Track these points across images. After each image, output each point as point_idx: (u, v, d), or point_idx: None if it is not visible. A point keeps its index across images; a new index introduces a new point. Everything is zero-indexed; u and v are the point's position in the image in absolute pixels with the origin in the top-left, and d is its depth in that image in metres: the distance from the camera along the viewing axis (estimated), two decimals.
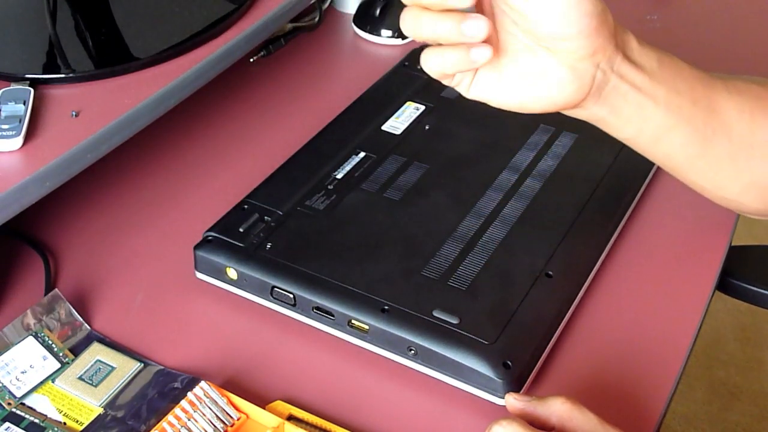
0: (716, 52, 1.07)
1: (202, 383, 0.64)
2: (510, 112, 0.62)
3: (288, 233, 0.74)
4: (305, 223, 0.75)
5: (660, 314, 0.73)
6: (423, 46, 0.98)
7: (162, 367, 0.67)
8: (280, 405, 0.64)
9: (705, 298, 0.75)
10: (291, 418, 0.63)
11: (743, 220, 0.81)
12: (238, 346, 0.70)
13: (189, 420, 0.62)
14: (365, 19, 1.07)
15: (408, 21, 0.57)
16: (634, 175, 0.83)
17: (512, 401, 0.58)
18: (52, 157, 0.70)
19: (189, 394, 0.63)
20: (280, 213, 0.76)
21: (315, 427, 0.63)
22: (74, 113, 0.75)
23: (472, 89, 0.60)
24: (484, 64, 0.56)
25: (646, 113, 0.61)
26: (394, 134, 0.86)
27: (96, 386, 0.65)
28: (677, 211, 0.83)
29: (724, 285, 0.88)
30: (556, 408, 0.56)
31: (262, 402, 0.64)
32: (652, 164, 0.85)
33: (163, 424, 0.61)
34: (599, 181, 0.81)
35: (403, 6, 0.58)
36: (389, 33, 1.05)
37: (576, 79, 0.58)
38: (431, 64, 0.58)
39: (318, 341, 0.70)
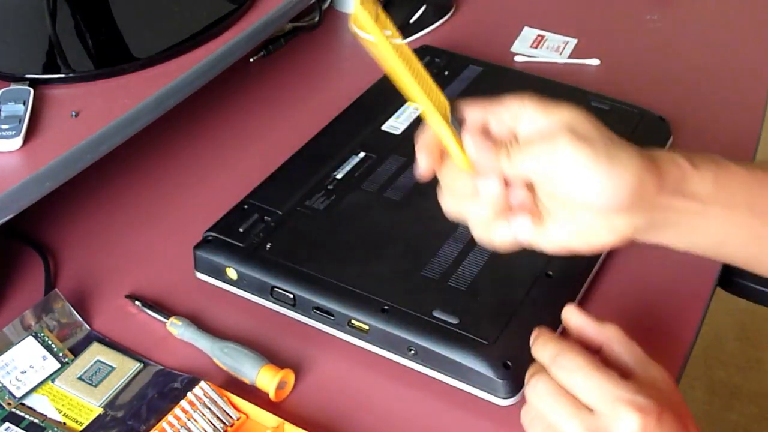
0: (716, 52, 1.07)
1: (202, 383, 0.64)
2: None
3: (288, 233, 0.74)
4: (305, 223, 0.75)
5: (660, 314, 0.73)
6: (423, 47, 0.98)
7: (162, 367, 0.67)
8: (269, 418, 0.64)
9: (705, 298, 0.75)
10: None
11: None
12: None
13: (189, 420, 0.62)
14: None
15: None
16: None
17: (571, 314, 0.59)
18: (52, 157, 0.70)
19: (189, 394, 0.63)
20: (280, 213, 0.76)
21: None
22: (74, 113, 0.75)
23: (524, 244, 0.60)
24: (525, 234, 0.58)
25: (699, 231, 0.61)
26: (394, 134, 0.86)
27: (96, 386, 0.65)
28: None
29: (729, 283, 0.87)
30: (608, 333, 0.58)
31: (262, 402, 0.64)
32: None
33: (163, 424, 0.61)
34: None
35: (402, 7, 0.59)
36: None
37: (614, 232, 0.58)
38: (480, 239, 0.59)
39: (318, 341, 0.70)
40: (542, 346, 0.57)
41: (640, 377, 0.56)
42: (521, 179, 0.57)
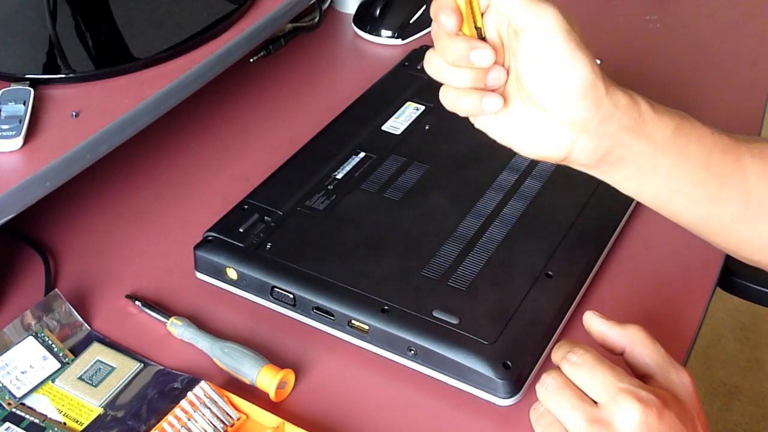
0: (716, 52, 1.07)
1: (202, 383, 0.64)
2: None
3: (288, 233, 0.74)
4: (305, 223, 0.75)
5: (660, 314, 0.73)
6: (423, 47, 0.98)
7: (162, 367, 0.67)
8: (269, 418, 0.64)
9: (705, 298, 0.75)
10: None
11: None
12: None
13: (189, 420, 0.62)
14: (365, 19, 1.07)
15: (431, 62, 0.61)
16: None
17: (592, 320, 0.59)
18: (52, 157, 0.70)
19: (189, 394, 0.63)
20: (280, 213, 0.76)
21: None
22: (74, 113, 0.75)
23: (477, 121, 0.63)
24: (493, 113, 0.60)
25: (649, 177, 0.62)
26: (394, 134, 0.86)
27: (96, 386, 0.65)
28: None
29: (728, 284, 0.87)
30: (630, 335, 0.58)
31: (262, 402, 0.64)
32: None
33: (163, 424, 0.61)
34: (599, 181, 0.80)
35: (402, 7, 0.59)
36: (389, 33, 1.05)
37: (556, 140, 0.60)
38: (446, 101, 0.61)
39: (318, 341, 0.70)
40: (558, 347, 0.57)
41: (658, 380, 0.56)
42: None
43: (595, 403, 0.53)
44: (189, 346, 0.69)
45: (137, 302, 0.72)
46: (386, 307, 0.68)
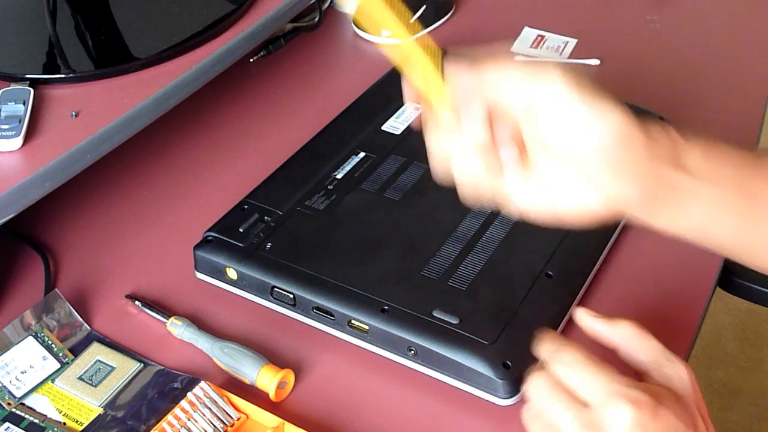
0: (716, 53, 1.07)
1: (202, 383, 0.64)
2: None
3: (288, 233, 0.74)
4: (305, 223, 0.75)
5: (660, 314, 0.73)
6: None
7: (162, 367, 0.67)
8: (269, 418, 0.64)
9: (705, 298, 0.75)
10: None
11: None
12: None
13: (189, 420, 0.62)
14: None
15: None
16: None
17: (584, 317, 0.58)
18: (52, 157, 0.70)
19: (189, 394, 0.63)
20: (280, 213, 0.76)
21: None
22: (74, 113, 0.75)
23: (514, 202, 0.58)
24: (512, 168, 0.56)
25: (690, 211, 0.58)
26: (394, 134, 0.86)
27: (96, 386, 0.65)
28: None
29: (728, 284, 0.87)
30: (622, 331, 0.57)
31: (262, 402, 0.64)
32: None
33: (163, 424, 0.61)
34: None
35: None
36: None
37: (603, 195, 0.56)
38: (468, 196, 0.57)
39: (318, 341, 0.70)
40: (544, 343, 0.57)
41: (653, 375, 0.55)
42: (506, 118, 0.55)
43: (586, 403, 0.53)
44: (189, 346, 0.69)
45: (137, 302, 0.72)
46: (386, 307, 0.68)
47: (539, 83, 0.54)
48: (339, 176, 0.80)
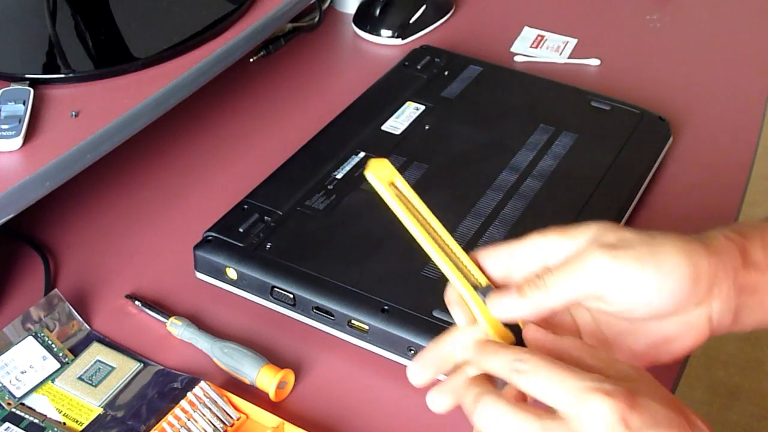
0: (716, 52, 1.07)
1: (202, 383, 0.64)
2: (509, 112, 0.62)
3: (288, 233, 0.74)
4: (305, 223, 0.75)
5: None
6: (423, 47, 0.98)
7: (162, 367, 0.67)
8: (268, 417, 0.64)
9: None
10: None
11: (743, 220, 0.81)
12: None
13: (189, 420, 0.62)
14: (365, 19, 1.07)
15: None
16: (633, 176, 0.83)
17: (530, 329, 0.52)
18: (52, 157, 0.70)
19: (189, 394, 0.63)
20: (280, 213, 0.76)
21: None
22: (74, 113, 0.75)
23: None
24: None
25: (765, 306, 0.55)
26: (394, 134, 0.86)
27: (96, 386, 0.65)
28: (676, 211, 0.83)
29: None
30: (567, 343, 0.50)
31: (262, 402, 0.64)
32: (651, 164, 0.85)
33: (163, 424, 0.61)
34: (599, 181, 0.81)
35: (402, 7, 0.58)
36: (389, 33, 1.05)
37: (694, 328, 0.54)
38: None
39: (318, 341, 0.70)
40: (494, 354, 0.50)
41: (607, 372, 0.48)
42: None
43: (555, 413, 0.46)
44: (189, 346, 0.69)
45: (137, 302, 0.72)
46: (386, 307, 0.68)
47: (587, 272, 0.50)
48: (339, 176, 0.80)
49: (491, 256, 0.54)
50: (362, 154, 0.82)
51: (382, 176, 0.53)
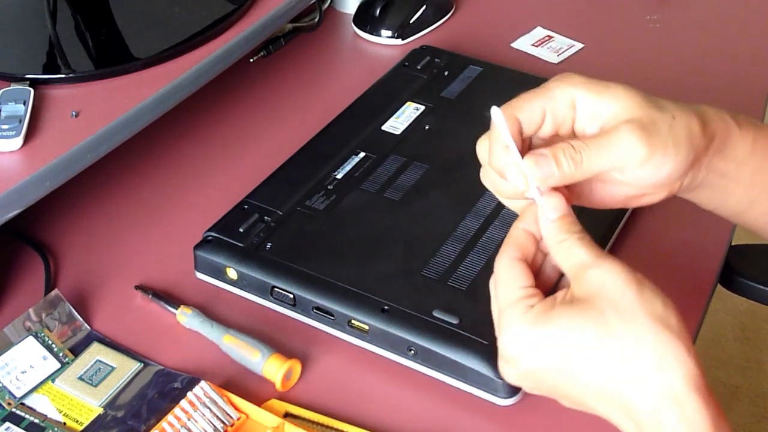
0: (716, 52, 1.07)
1: (202, 383, 0.64)
2: None
3: (288, 233, 0.74)
4: (305, 223, 0.75)
5: None
6: (423, 47, 0.98)
7: (162, 367, 0.67)
8: (276, 403, 0.64)
9: (705, 298, 0.75)
10: (288, 415, 0.63)
11: None
12: None
13: (189, 420, 0.62)
14: (365, 19, 1.07)
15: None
16: None
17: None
18: (52, 157, 0.71)
19: (189, 394, 0.63)
20: (280, 213, 0.76)
21: (313, 422, 0.63)
22: (74, 113, 0.75)
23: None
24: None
25: (729, 194, 0.61)
26: (394, 134, 0.86)
27: (96, 386, 0.65)
28: (677, 211, 0.83)
29: (731, 283, 0.87)
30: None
31: (261, 402, 0.64)
32: None
33: (163, 424, 0.61)
34: None
35: (402, 7, 0.58)
36: (389, 33, 1.05)
37: (666, 191, 0.58)
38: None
39: (318, 341, 0.70)
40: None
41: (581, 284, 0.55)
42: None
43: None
44: (189, 346, 0.69)
45: (148, 293, 0.72)
46: (386, 307, 0.68)
47: (615, 150, 0.54)
48: (339, 176, 0.80)
49: (525, 110, 0.58)
50: (362, 155, 0.82)
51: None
